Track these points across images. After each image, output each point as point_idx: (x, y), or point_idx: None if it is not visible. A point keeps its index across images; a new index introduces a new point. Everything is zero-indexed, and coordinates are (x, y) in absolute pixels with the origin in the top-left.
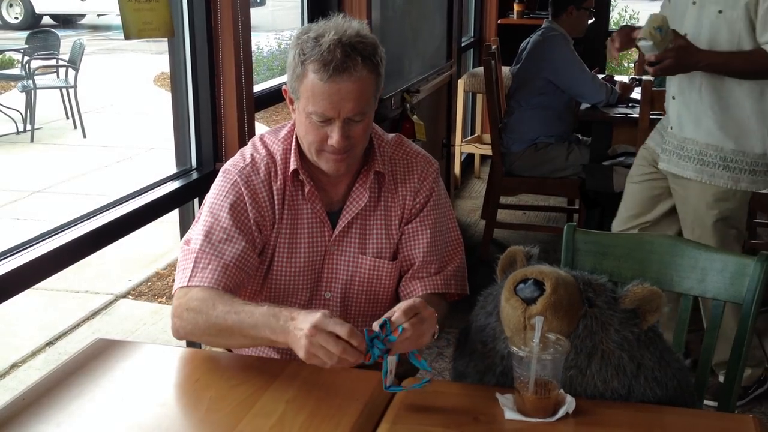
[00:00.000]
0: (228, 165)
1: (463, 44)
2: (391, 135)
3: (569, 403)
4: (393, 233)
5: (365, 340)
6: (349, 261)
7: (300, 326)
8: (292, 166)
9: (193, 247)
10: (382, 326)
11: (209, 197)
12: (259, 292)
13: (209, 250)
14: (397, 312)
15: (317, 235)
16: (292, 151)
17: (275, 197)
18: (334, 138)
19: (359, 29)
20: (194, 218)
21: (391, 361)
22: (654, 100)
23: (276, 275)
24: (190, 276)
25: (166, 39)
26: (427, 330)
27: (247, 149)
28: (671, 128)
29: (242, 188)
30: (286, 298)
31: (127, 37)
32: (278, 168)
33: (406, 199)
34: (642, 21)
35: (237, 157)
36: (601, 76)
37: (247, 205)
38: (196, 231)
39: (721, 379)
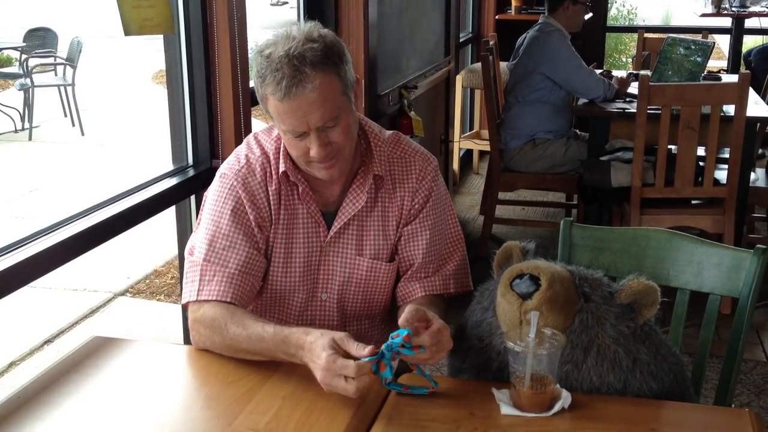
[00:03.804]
0: (224, 168)
1: (461, 40)
2: (389, 132)
3: (565, 398)
4: (390, 234)
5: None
6: (345, 262)
7: (315, 359)
8: (282, 168)
9: (197, 257)
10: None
11: (209, 204)
12: (258, 293)
13: (214, 259)
14: (425, 335)
15: (313, 236)
16: (281, 152)
17: (271, 197)
18: (313, 149)
19: (308, 33)
20: (191, 215)
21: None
22: (651, 95)
23: (273, 275)
24: (198, 290)
25: (162, 36)
26: (438, 356)
27: (242, 149)
28: None
29: (240, 192)
30: (283, 298)
31: (126, 34)
32: (272, 168)
33: (405, 200)
34: (639, 17)
35: (232, 158)
36: (598, 71)
37: (247, 208)
38: (199, 239)
39: None
